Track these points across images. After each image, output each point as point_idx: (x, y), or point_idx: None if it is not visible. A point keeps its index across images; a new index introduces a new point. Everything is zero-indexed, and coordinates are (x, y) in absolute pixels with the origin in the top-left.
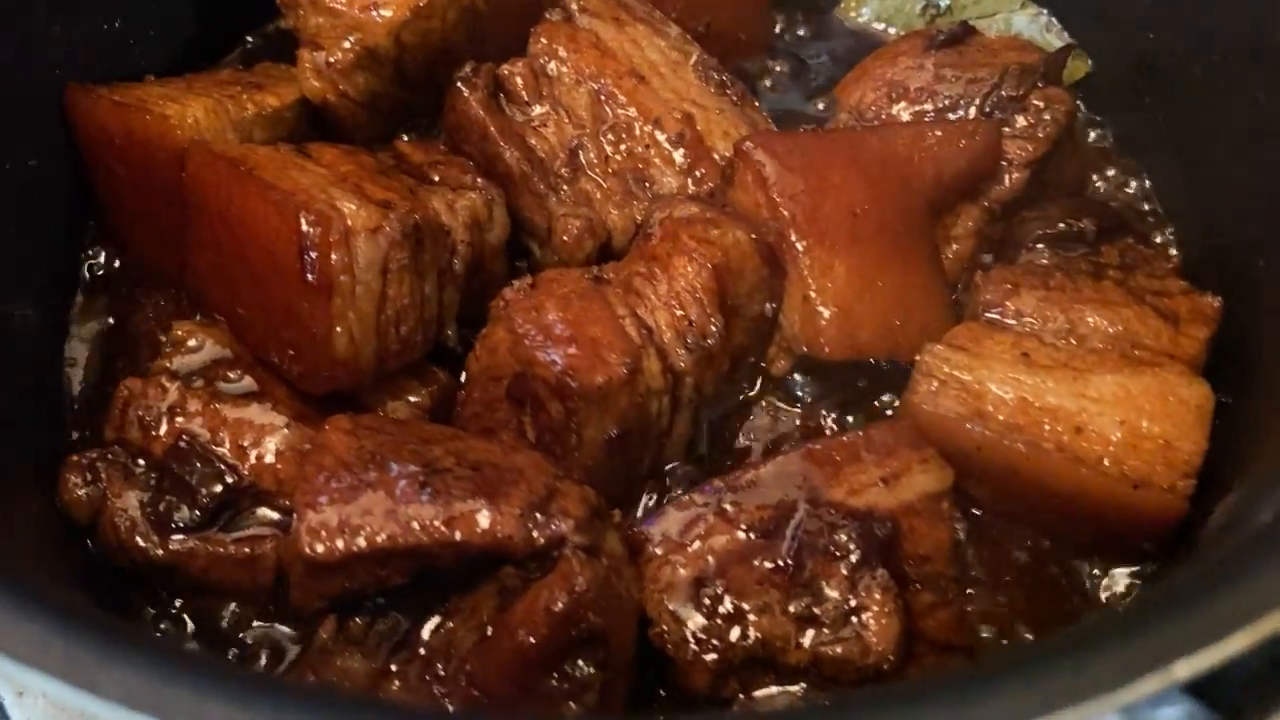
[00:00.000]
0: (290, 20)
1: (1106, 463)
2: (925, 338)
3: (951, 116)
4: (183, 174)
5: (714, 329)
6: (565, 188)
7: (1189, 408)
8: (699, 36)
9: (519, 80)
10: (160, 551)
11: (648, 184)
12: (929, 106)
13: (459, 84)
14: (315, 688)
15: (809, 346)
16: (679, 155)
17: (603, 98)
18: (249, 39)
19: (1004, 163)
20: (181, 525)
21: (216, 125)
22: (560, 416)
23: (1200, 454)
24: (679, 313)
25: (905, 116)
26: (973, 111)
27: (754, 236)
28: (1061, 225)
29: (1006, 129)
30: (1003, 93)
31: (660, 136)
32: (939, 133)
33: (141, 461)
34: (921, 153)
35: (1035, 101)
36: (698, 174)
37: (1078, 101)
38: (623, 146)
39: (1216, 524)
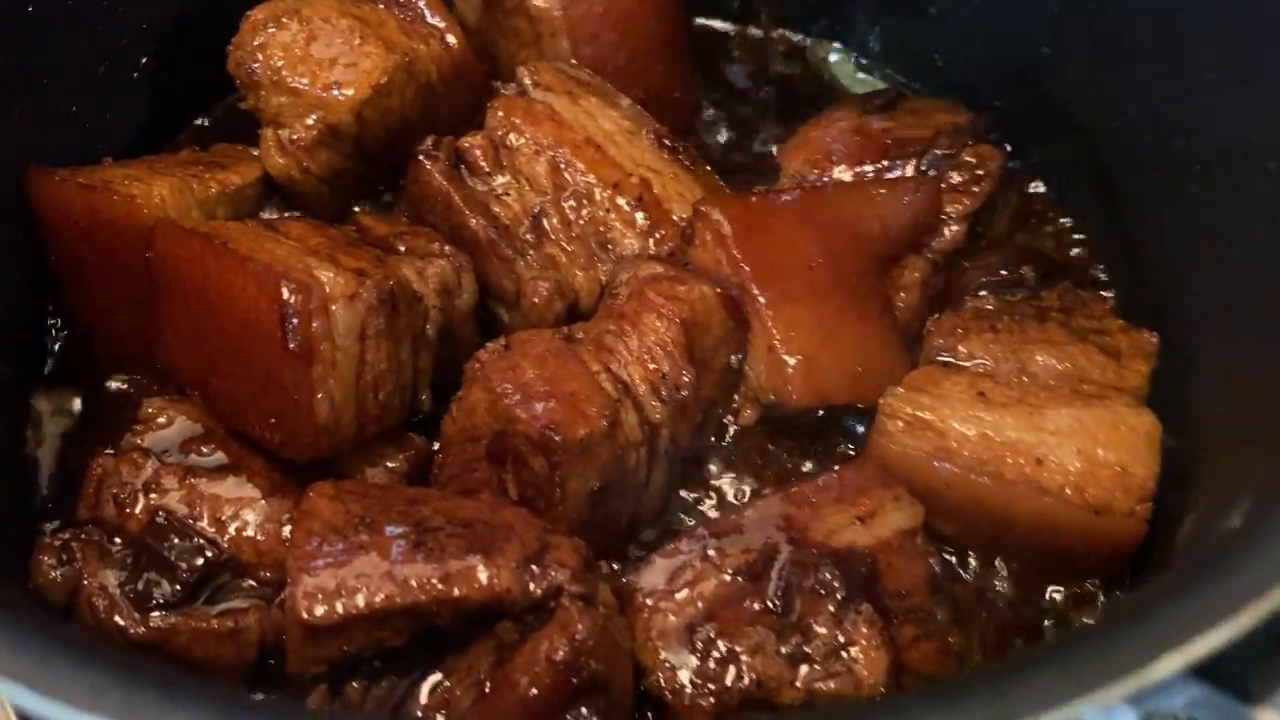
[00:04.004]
0: (251, 101)
1: (1068, 491)
2: (886, 382)
3: (890, 176)
4: (149, 252)
5: (686, 380)
6: (531, 253)
7: (1139, 435)
8: (640, 103)
9: (478, 152)
10: (141, 629)
11: (610, 246)
12: (868, 167)
13: (421, 157)
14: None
15: (776, 394)
16: (639, 218)
17: (562, 166)
18: (205, 120)
19: (944, 216)
20: (162, 601)
21: (182, 204)
22: (544, 471)
23: (1154, 478)
24: (652, 366)
25: (846, 178)
26: (910, 170)
27: (718, 291)
28: (1003, 272)
29: (943, 185)
30: (937, 151)
31: (620, 201)
32: (883, 190)
33: (118, 539)
34: (868, 209)
35: (968, 159)
36: (658, 235)
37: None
38: (584, 212)
39: (1186, 536)
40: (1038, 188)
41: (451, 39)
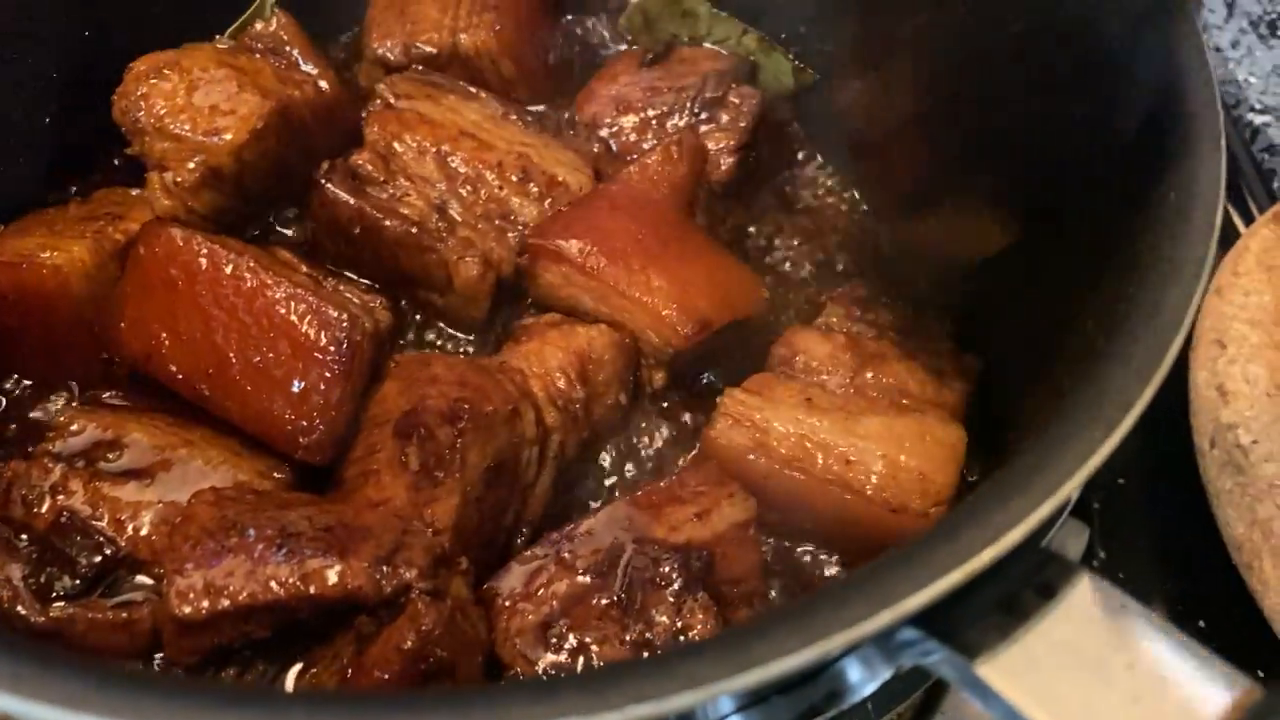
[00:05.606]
0: (136, 147)
1: (869, 491)
2: (749, 293)
3: (670, 123)
4: (140, 250)
5: (578, 396)
6: (449, 239)
7: (943, 446)
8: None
9: (369, 166)
10: (42, 619)
11: (513, 217)
12: (651, 113)
13: (324, 181)
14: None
15: (671, 341)
16: (531, 187)
17: (447, 159)
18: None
19: (715, 150)
20: (62, 593)
21: (99, 261)
22: (448, 440)
23: (951, 485)
24: (549, 380)
25: (631, 124)
26: (686, 114)
27: (616, 335)
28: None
29: (713, 124)
30: (706, 95)
31: (509, 176)
32: (656, 158)
33: (24, 536)
34: (652, 178)
35: (732, 99)
36: (551, 198)
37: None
38: (481, 193)
39: None
40: (793, 126)
41: (324, 84)
